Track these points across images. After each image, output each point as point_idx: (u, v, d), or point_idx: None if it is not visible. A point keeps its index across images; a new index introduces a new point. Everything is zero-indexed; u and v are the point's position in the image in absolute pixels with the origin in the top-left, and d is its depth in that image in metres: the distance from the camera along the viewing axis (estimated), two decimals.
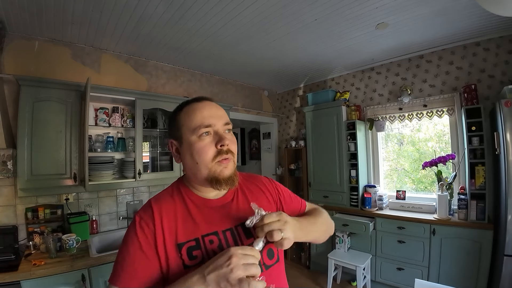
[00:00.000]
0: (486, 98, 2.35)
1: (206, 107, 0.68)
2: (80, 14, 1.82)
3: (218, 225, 0.66)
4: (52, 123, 1.87)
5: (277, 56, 2.76)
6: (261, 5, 1.78)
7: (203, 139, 0.65)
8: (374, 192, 2.83)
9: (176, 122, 0.69)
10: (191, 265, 0.60)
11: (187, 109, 0.69)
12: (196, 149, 0.64)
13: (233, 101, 3.50)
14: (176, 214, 0.65)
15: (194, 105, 0.68)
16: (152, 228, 0.61)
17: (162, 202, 0.67)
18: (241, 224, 0.68)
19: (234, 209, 0.71)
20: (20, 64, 1.98)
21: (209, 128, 0.65)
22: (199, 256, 0.61)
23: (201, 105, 0.68)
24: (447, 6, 1.86)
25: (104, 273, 1.71)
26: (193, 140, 0.65)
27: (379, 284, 2.64)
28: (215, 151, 0.65)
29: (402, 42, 2.50)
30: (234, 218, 0.69)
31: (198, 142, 0.65)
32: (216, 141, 0.65)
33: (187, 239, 0.62)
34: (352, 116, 3.03)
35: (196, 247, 0.62)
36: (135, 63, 2.63)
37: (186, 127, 0.66)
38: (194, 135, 0.65)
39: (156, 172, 2.44)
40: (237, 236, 0.67)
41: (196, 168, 0.66)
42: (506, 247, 1.82)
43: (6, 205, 1.86)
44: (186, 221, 0.65)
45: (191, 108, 0.68)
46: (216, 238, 0.64)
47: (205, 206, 0.69)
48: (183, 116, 0.68)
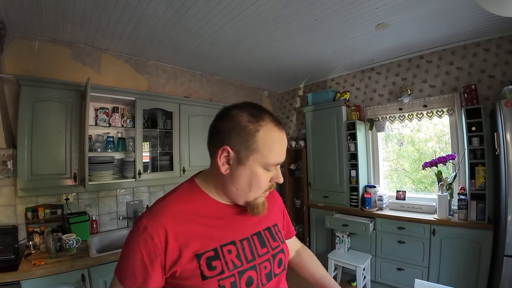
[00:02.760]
0: (486, 98, 2.35)
1: (284, 140, 0.65)
2: (80, 14, 1.82)
3: (235, 234, 0.66)
4: (52, 123, 1.87)
5: (277, 56, 2.76)
6: (261, 5, 1.78)
7: (267, 173, 0.64)
8: (374, 192, 2.83)
9: (248, 137, 0.60)
10: (210, 276, 0.58)
11: (270, 134, 0.62)
12: (259, 180, 0.63)
13: (233, 101, 3.39)
14: (190, 224, 0.61)
15: (277, 134, 0.63)
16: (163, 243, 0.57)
17: (174, 214, 0.61)
18: (256, 233, 0.69)
19: (250, 217, 0.70)
20: (20, 64, 1.98)
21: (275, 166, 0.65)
22: (219, 266, 0.60)
23: (282, 136, 0.64)
24: (447, 7, 1.86)
25: (104, 273, 1.71)
26: (260, 171, 0.62)
27: (379, 284, 2.64)
28: (268, 185, 0.66)
29: (402, 42, 2.50)
30: (249, 227, 0.69)
31: (264, 175, 0.63)
32: (272, 176, 0.65)
33: (205, 249, 0.60)
34: (352, 116, 3.03)
35: (215, 257, 0.60)
36: (135, 63, 2.63)
37: (261, 155, 0.61)
38: (263, 167, 0.62)
39: (156, 172, 2.44)
40: (253, 245, 0.67)
41: (245, 193, 0.64)
42: (506, 247, 1.82)
43: (6, 205, 1.86)
44: (203, 231, 0.62)
45: (274, 136, 0.62)
46: (234, 247, 0.63)
47: (222, 213, 0.67)
48: (262, 140, 0.60)
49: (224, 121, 0.64)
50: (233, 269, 0.61)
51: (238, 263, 0.62)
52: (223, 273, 0.59)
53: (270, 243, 0.70)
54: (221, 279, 0.59)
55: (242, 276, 0.61)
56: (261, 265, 0.65)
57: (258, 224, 0.71)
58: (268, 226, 0.74)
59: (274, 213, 0.80)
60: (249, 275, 0.62)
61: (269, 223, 0.75)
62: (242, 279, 0.61)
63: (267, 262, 0.67)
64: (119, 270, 0.60)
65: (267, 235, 0.72)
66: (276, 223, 0.77)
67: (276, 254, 0.70)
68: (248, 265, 0.63)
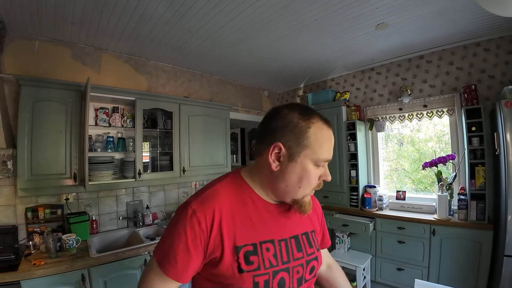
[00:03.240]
0: (486, 98, 2.35)
1: (332, 139, 0.67)
2: (80, 14, 1.82)
3: (275, 233, 0.66)
4: (52, 123, 1.87)
5: (277, 56, 2.76)
6: (261, 5, 1.78)
7: (317, 170, 0.65)
8: (374, 192, 2.83)
9: (300, 134, 0.62)
10: (247, 270, 0.60)
11: (320, 132, 0.64)
12: (309, 177, 0.64)
13: (233, 101, 3.50)
14: (235, 215, 0.63)
15: (327, 132, 0.65)
16: (209, 227, 0.60)
17: (222, 200, 0.63)
18: (294, 236, 0.69)
19: (291, 219, 0.71)
20: (20, 64, 1.98)
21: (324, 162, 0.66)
22: (256, 262, 0.61)
23: (331, 134, 0.67)
24: (447, 7, 1.86)
25: (104, 273, 1.71)
26: (310, 168, 0.63)
27: (379, 284, 2.64)
28: (317, 183, 0.67)
29: (402, 42, 2.49)
30: (289, 229, 0.69)
31: (314, 171, 0.64)
32: (321, 174, 0.66)
33: (245, 243, 0.62)
34: (352, 116, 3.03)
35: (253, 252, 0.61)
36: (135, 63, 2.63)
37: (312, 151, 0.62)
38: (313, 163, 0.64)
39: (156, 172, 2.44)
40: (290, 248, 0.67)
41: (294, 190, 0.65)
42: (506, 248, 1.82)
43: (6, 205, 1.86)
44: (246, 224, 0.63)
45: (325, 134, 0.65)
46: (272, 246, 0.64)
47: (265, 210, 0.68)
48: (313, 137, 0.62)
49: (275, 120, 0.65)
50: (269, 268, 0.62)
51: (274, 262, 0.63)
52: (259, 270, 0.60)
53: (306, 249, 0.70)
54: (256, 275, 0.60)
55: (275, 276, 0.62)
56: (294, 268, 0.66)
57: (297, 227, 0.71)
58: (306, 231, 0.73)
59: (313, 219, 0.79)
60: (281, 276, 0.63)
61: (308, 228, 0.74)
62: (275, 279, 0.62)
63: (300, 267, 0.67)
64: (160, 252, 0.62)
65: (304, 240, 0.71)
66: (314, 230, 0.77)
67: (310, 260, 0.70)
68: (283, 266, 0.64)
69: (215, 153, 2.85)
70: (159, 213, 2.66)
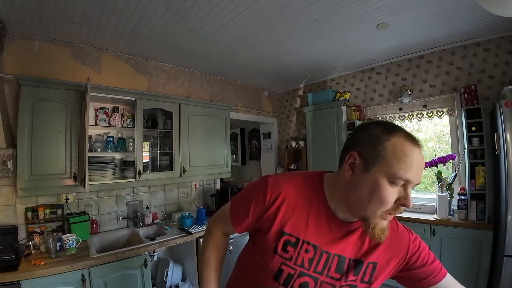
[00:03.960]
0: (486, 98, 2.35)
1: (418, 158, 0.57)
2: (80, 14, 1.82)
3: (322, 243, 0.66)
4: (52, 123, 1.87)
5: (277, 56, 2.76)
6: (261, 5, 1.78)
7: (393, 188, 0.57)
8: None
9: (377, 146, 0.58)
10: (280, 255, 0.65)
11: (400, 145, 0.57)
12: (381, 193, 0.57)
13: (233, 101, 3.50)
14: (295, 207, 0.67)
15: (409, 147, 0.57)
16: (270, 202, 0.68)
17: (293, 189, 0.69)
18: (339, 255, 0.66)
19: (346, 240, 0.67)
20: (20, 64, 1.98)
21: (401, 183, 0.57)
22: (290, 253, 0.65)
23: (416, 151, 0.57)
24: (447, 7, 1.86)
25: (104, 273, 1.71)
26: (384, 183, 0.57)
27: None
28: (392, 206, 0.58)
29: (402, 43, 2.50)
30: (341, 247, 0.66)
31: (387, 189, 0.57)
32: (400, 196, 0.58)
33: (291, 233, 0.66)
34: (352, 116, 3.03)
35: (293, 244, 0.66)
36: (135, 63, 2.63)
37: (387, 164, 0.56)
38: (387, 180, 0.57)
39: (156, 172, 2.43)
40: (329, 263, 0.65)
41: (364, 204, 0.59)
42: (506, 248, 1.82)
43: (6, 205, 1.86)
44: (301, 219, 0.67)
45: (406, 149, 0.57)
46: (313, 251, 0.65)
47: (326, 220, 0.67)
48: (391, 149, 0.57)
49: (359, 132, 0.64)
50: (299, 266, 0.65)
51: (306, 265, 0.65)
52: (290, 261, 0.65)
53: (347, 274, 0.66)
54: (284, 264, 0.65)
55: (300, 277, 0.64)
56: (323, 283, 0.65)
57: (351, 251, 0.67)
58: (361, 260, 0.67)
59: (380, 252, 0.68)
60: (306, 281, 0.65)
61: (365, 257, 0.67)
62: (299, 279, 0.64)
63: (331, 286, 0.65)
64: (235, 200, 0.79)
65: (351, 266, 0.66)
66: (376, 263, 0.68)
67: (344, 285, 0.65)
68: (312, 274, 0.65)
69: (215, 153, 2.85)
70: (159, 213, 2.66)
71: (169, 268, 2.27)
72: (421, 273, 0.69)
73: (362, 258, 0.67)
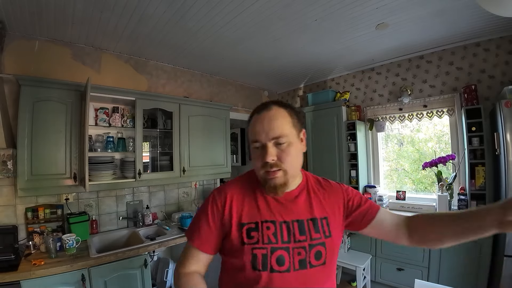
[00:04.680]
0: (486, 98, 2.35)
1: (261, 120, 0.73)
2: (80, 14, 1.82)
3: (278, 216, 0.75)
4: (52, 123, 1.87)
5: (277, 56, 2.76)
6: (261, 5, 1.78)
7: (255, 151, 0.74)
8: (374, 192, 2.83)
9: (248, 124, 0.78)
10: (247, 243, 0.71)
11: (253, 118, 0.76)
12: (253, 157, 0.76)
13: (233, 101, 3.50)
14: (244, 200, 0.77)
15: (254, 117, 0.76)
16: (222, 206, 0.76)
17: (234, 188, 0.80)
18: (297, 220, 0.75)
19: (295, 206, 0.77)
20: (20, 64, 1.98)
21: (257, 143, 0.73)
22: (256, 237, 0.71)
23: (259, 118, 0.74)
24: (447, 7, 1.86)
25: (104, 273, 1.71)
26: (251, 149, 0.76)
27: (379, 284, 2.64)
28: (261, 163, 0.72)
29: (402, 43, 2.50)
30: (294, 214, 0.76)
31: (253, 152, 0.75)
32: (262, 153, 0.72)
33: (249, 221, 0.74)
34: (352, 117, 3.03)
35: (254, 229, 0.72)
36: (135, 63, 2.63)
37: (249, 136, 0.76)
38: (252, 146, 0.75)
39: (156, 172, 2.43)
40: (292, 229, 0.74)
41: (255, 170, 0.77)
42: (506, 248, 1.82)
43: (6, 205, 1.86)
44: (251, 207, 0.76)
45: (252, 119, 0.76)
46: (273, 226, 0.73)
47: (272, 198, 0.77)
48: (250, 124, 0.77)
49: None
50: (267, 243, 0.71)
51: (273, 240, 0.71)
52: (258, 243, 0.71)
53: (310, 233, 0.74)
54: (254, 248, 0.70)
55: (274, 252, 0.70)
56: (295, 249, 0.71)
57: (303, 213, 0.76)
58: (314, 217, 0.77)
59: (326, 207, 0.79)
60: (280, 254, 0.70)
61: (317, 215, 0.77)
62: (273, 255, 0.70)
63: (302, 249, 0.72)
64: (189, 230, 0.80)
65: (310, 225, 0.75)
66: (326, 217, 0.78)
67: (314, 245, 0.73)
68: (282, 245, 0.71)
69: (215, 153, 2.85)
70: (159, 213, 2.66)
71: (169, 268, 2.27)
72: (360, 213, 0.82)
73: (315, 216, 0.77)
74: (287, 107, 0.77)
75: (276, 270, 0.69)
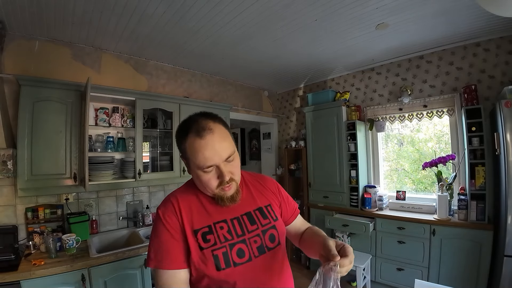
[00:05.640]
0: (486, 98, 2.35)
1: (208, 145, 0.70)
2: (81, 14, 1.82)
3: (226, 215, 0.78)
4: (52, 123, 1.87)
5: (277, 56, 2.76)
6: (261, 5, 1.78)
7: (207, 174, 0.73)
8: (374, 192, 2.83)
9: (181, 148, 0.75)
10: (205, 247, 0.71)
11: (191, 143, 0.71)
12: (202, 180, 0.74)
13: (233, 101, 3.50)
14: (191, 207, 0.77)
15: (197, 142, 0.70)
16: (174, 218, 0.74)
17: (179, 198, 0.78)
18: (246, 213, 0.81)
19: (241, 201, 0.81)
20: (20, 64, 1.98)
21: (211, 167, 0.72)
22: (212, 239, 0.73)
23: (203, 142, 0.70)
24: (447, 7, 1.86)
25: (104, 273, 1.71)
26: (199, 173, 0.73)
27: (379, 284, 2.64)
28: (217, 181, 0.74)
29: (402, 43, 2.50)
30: (241, 209, 0.81)
31: (203, 176, 0.73)
32: (218, 174, 0.73)
33: (202, 226, 0.74)
34: (352, 117, 3.03)
35: (209, 232, 0.74)
36: (135, 63, 2.63)
37: (193, 162, 0.73)
38: (199, 170, 0.73)
39: (156, 172, 2.43)
40: (243, 223, 0.78)
41: (204, 189, 0.77)
42: (506, 248, 1.82)
43: (6, 205, 1.86)
44: (200, 213, 0.77)
45: (195, 145, 0.70)
46: (226, 225, 0.76)
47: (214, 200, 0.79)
48: (189, 150, 0.72)
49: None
50: (224, 242, 0.73)
51: (229, 237, 0.74)
52: (216, 245, 0.72)
53: (260, 221, 0.81)
54: (214, 249, 0.71)
55: (233, 248, 0.73)
56: (251, 239, 0.76)
57: (249, 206, 0.83)
58: (260, 207, 0.84)
59: (266, 196, 0.89)
60: (239, 247, 0.74)
61: (261, 204, 0.85)
62: (233, 251, 0.73)
63: (257, 237, 0.78)
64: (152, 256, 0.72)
65: (258, 214, 0.82)
66: (270, 204, 0.87)
67: (267, 230, 0.80)
68: (238, 239, 0.75)
69: None
70: None
71: None
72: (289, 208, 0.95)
73: (259, 205, 0.84)
74: (221, 121, 0.77)
75: (239, 263, 0.72)
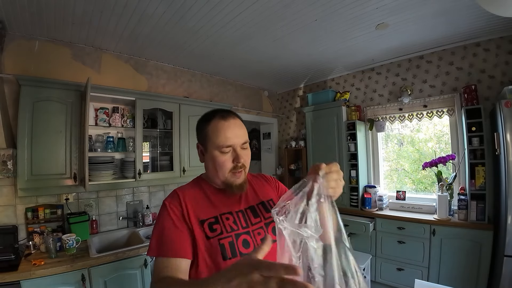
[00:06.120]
0: (486, 98, 2.35)
1: (230, 127, 0.79)
2: (81, 14, 1.82)
3: (232, 207, 0.83)
4: (52, 123, 1.87)
5: (277, 56, 2.75)
6: (261, 5, 1.78)
7: (224, 155, 0.78)
8: (374, 192, 2.83)
9: (203, 132, 0.81)
10: (212, 236, 0.74)
11: (215, 125, 0.79)
12: (218, 161, 0.79)
13: (233, 101, 3.50)
14: (197, 200, 0.81)
15: (221, 123, 0.79)
16: (180, 208, 0.77)
17: (185, 191, 0.82)
18: (249, 207, 0.85)
19: (244, 197, 0.86)
20: (20, 64, 1.98)
21: (228, 148, 0.78)
22: (218, 229, 0.76)
23: (226, 124, 0.79)
24: (447, 7, 1.86)
25: (104, 273, 1.71)
26: (216, 154, 0.78)
27: (379, 284, 2.64)
28: (232, 165, 0.79)
29: (402, 43, 2.49)
30: (245, 202, 0.86)
31: (220, 157, 0.78)
32: (233, 157, 0.79)
33: (208, 217, 0.78)
34: (352, 117, 3.03)
35: (215, 222, 0.77)
36: (135, 63, 2.63)
37: (212, 142, 0.79)
38: (217, 150, 0.78)
39: (156, 172, 2.43)
40: (247, 216, 0.83)
41: (215, 174, 0.81)
42: (506, 248, 1.82)
43: (6, 205, 1.86)
44: (207, 205, 0.81)
45: (218, 126, 0.79)
46: (231, 216, 0.80)
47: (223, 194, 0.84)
48: (211, 131, 0.79)
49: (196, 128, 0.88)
50: (231, 232, 0.77)
51: (234, 227, 0.78)
52: (222, 234, 0.75)
53: (263, 214, 0.85)
54: (220, 238, 0.74)
55: (238, 238, 0.76)
56: (254, 231, 0.80)
57: (252, 200, 0.88)
58: (262, 201, 0.89)
59: (267, 190, 0.94)
60: (244, 238, 0.77)
61: (263, 198, 0.90)
62: (239, 241, 0.76)
63: (261, 229, 0.81)
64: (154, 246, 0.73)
65: (261, 208, 0.86)
66: (271, 198, 0.91)
67: (269, 222, 0.84)
68: (243, 230, 0.79)
69: None
70: None
71: None
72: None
73: (262, 200, 0.89)
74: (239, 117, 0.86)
75: (244, 254, 0.74)
